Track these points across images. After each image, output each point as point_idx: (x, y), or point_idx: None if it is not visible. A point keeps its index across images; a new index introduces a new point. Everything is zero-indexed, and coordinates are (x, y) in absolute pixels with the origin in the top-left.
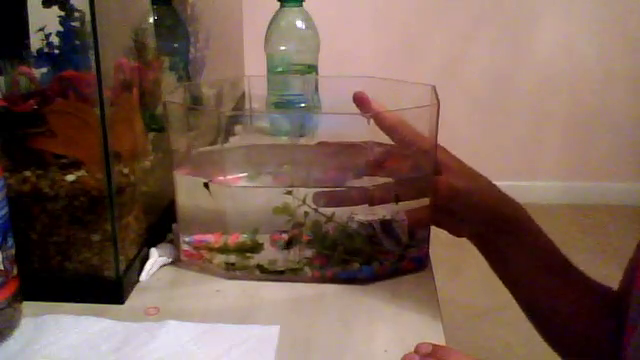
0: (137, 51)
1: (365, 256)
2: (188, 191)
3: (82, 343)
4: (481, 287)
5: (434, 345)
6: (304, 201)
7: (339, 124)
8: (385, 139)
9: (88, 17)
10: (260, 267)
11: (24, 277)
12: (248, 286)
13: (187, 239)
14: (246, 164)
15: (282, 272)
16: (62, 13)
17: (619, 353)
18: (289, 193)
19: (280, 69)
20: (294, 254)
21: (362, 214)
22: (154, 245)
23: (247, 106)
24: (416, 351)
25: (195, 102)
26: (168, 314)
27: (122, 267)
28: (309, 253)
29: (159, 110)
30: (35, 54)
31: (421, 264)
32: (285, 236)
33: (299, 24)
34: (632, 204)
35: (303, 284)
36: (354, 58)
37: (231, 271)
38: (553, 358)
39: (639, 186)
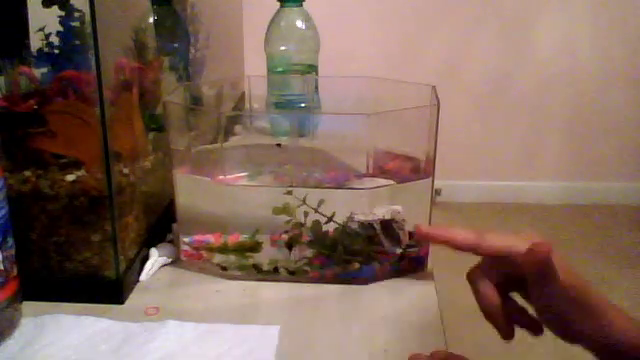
0: (137, 51)
1: (365, 256)
2: (188, 191)
3: (82, 343)
4: None
5: (449, 353)
6: (304, 201)
7: (339, 124)
8: (385, 140)
9: (88, 17)
10: (260, 267)
11: (24, 277)
12: (248, 286)
13: (187, 239)
14: (246, 164)
15: (282, 272)
16: (62, 13)
17: None
18: (289, 193)
19: (280, 69)
20: (294, 254)
21: (362, 214)
22: (154, 245)
23: (247, 106)
24: (432, 355)
25: (195, 102)
26: (168, 314)
27: (122, 267)
28: (309, 253)
29: (159, 110)
30: (35, 54)
31: (421, 264)
32: (285, 236)
33: (299, 24)
34: (632, 204)
35: (303, 284)
36: (354, 58)
37: (231, 271)
38: (553, 358)
39: (639, 186)
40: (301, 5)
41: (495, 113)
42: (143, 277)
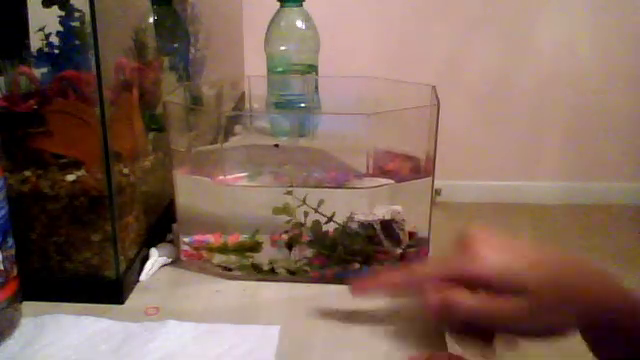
0: (137, 51)
1: (365, 256)
2: (188, 191)
3: (82, 343)
4: None
5: (449, 353)
6: (304, 201)
7: (339, 124)
8: (385, 140)
9: (88, 17)
10: (260, 267)
11: (24, 277)
12: (248, 286)
13: (187, 239)
14: (246, 164)
15: (282, 272)
16: (62, 13)
17: None
18: (289, 193)
19: (280, 69)
20: (294, 254)
21: (362, 214)
22: (154, 245)
23: (247, 106)
24: (432, 356)
25: (195, 102)
26: (168, 314)
27: (122, 267)
28: (309, 253)
29: (159, 110)
30: (35, 54)
31: None
32: (285, 236)
33: (299, 24)
34: (632, 204)
35: (303, 284)
36: (354, 58)
37: (231, 271)
38: (554, 358)
39: (639, 186)
40: (301, 5)
41: (495, 113)
42: (143, 277)
